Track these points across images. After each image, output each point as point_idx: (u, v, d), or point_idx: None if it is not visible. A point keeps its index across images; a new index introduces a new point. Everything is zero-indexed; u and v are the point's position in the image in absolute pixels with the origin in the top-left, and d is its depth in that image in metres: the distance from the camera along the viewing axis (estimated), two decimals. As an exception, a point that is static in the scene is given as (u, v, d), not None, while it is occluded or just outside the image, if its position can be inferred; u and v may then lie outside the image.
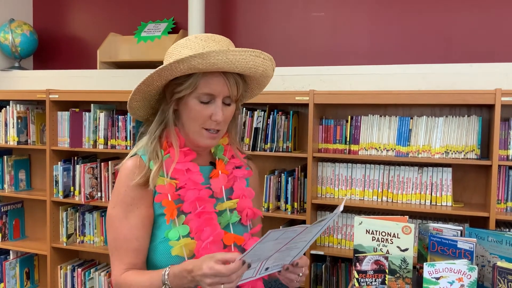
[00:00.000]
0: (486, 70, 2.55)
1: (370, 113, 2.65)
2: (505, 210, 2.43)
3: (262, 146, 2.76)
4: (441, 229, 1.84)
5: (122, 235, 1.27)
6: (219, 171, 1.37)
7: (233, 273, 1.07)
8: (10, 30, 3.50)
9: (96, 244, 3.15)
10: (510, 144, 2.38)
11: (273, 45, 3.20)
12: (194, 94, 1.26)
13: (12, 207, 3.44)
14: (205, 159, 1.40)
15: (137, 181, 1.26)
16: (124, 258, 1.27)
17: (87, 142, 3.10)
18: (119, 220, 1.28)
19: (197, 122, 1.28)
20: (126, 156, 1.35)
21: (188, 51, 1.24)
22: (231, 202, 1.35)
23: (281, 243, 1.11)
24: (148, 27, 3.39)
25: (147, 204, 1.28)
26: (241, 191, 1.39)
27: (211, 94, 1.27)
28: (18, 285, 3.37)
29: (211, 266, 1.07)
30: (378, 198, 2.61)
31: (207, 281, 1.08)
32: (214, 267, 1.07)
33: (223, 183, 1.36)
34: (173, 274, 1.17)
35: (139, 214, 1.27)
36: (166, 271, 1.18)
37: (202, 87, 1.26)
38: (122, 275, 1.27)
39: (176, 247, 1.24)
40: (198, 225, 1.26)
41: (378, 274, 1.66)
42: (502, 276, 1.53)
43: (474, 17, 2.82)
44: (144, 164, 1.29)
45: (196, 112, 1.27)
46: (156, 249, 1.28)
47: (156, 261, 1.28)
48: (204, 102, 1.27)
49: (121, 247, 1.28)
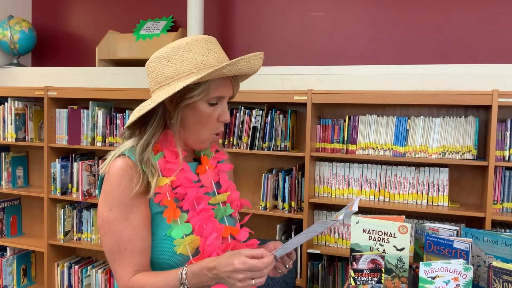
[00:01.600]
0: (483, 71, 2.56)
1: (367, 113, 2.65)
2: (501, 210, 2.44)
3: (260, 145, 2.76)
4: (437, 229, 1.84)
5: (125, 237, 1.22)
6: (206, 166, 1.38)
7: (266, 267, 1.09)
8: (9, 27, 3.49)
9: (93, 242, 3.15)
10: (506, 145, 2.39)
11: (271, 44, 3.21)
12: (205, 99, 1.26)
13: (10, 203, 3.44)
14: (189, 156, 1.39)
15: (137, 191, 1.23)
16: (130, 261, 1.22)
17: (85, 139, 3.10)
18: (119, 222, 1.22)
19: (207, 126, 1.29)
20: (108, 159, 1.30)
21: (193, 55, 1.23)
22: (223, 196, 1.37)
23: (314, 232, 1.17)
24: (147, 25, 3.39)
25: (145, 203, 1.27)
26: (227, 184, 1.41)
27: (221, 97, 1.29)
28: (15, 282, 3.37)
29: (244, 261, 1.08)
30: (375, 198, 2.62)
31: (239, 277, 1.08)
32: (248, 261, 1.08)
33: (212, 178, 1.38)
34: (192, 273, 1.15)
35: (139, 214, 1.24)
36: (184, 270, 1.16)
37: (214, 91, 1.26)
38: (131, 279, 1.22)
39: (181, 246, 1.23)
40: (199, 222, 1.26)
41: (374, 273, 1.67)
42: (497, 276, 1.54)
43: (472, 18, 2.83)
44: (136, 165, 1.25)
45: (206, 116, 1.27)
46: (157, 248, 1.27)
47: (158, 260, 1.27)
48: (212, 104, 1.28)
49: (125, 249, 1.22)
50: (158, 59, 1.27)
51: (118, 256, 1.23)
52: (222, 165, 1.44)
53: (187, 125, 1.29)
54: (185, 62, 1.23)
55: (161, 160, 1.28)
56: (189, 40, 1.26)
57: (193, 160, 1.41)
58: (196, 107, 1.26)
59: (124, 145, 1.31)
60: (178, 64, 1.23)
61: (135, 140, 1.29)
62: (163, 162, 1.28)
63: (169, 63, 1.25)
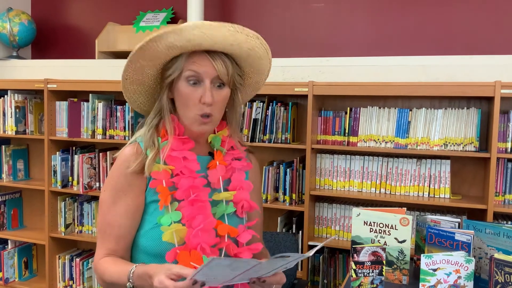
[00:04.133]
0: (485, 62, 2.54)
1: (369, 104, 2.64)
2: (503, 202, 2.43)
3: (260, 137, 2.75)
4: (439, 221, 1.84)
5: (107, 220, 1.30)
6: (217, 161, 1.36)
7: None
8: (8, 19, 3.48)
9: (94, 234, 3.15)
10: (509, 136, 2.38)
11: (272, 36, 3.18)
12: (182, 77, 1.26)
13: (10, 196, 3.44)
14: (204, 149, 1.39)
15: (133, 169, 1.26)
16: (106, 243, 1.30)
17: (86, 132, 3.09)
18: (107, 205, 1.30)
19: (189, 107, 1.27)
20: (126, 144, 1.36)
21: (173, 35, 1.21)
22: (228, 193, 1.34)
23: (238, 269, 1.05)
24: (147, 17, 3.37)
25: (138, 192, 1.28)
26: (239, 183, 1.37)
27: (197, 74, 1.25)
28: (17, 275, 3.38)
29: (161, 280, 1.06)
30: (376, 190, 2.62)
31: None
32: (163, 281, 1.05)
33: (221, 174, 1.35)
34: (137, 275, 1.17)
35: (125, 202, 1.28)
36: (133, 269, 1.18)
37: (188, 67, 1.25)
38: (100, 260, 1.29)
39: (167, 233, 1.23)
40: (190, 212, 1.25)
41: (375, 265, 1.66)
42: (499, 268, 1.54)
43: (474, 9, 2.80)
44: (142, 151, 1.29)
45: (186, 95, 1.26)
46: (147, 234, 1.28)
47: (147, 246, 1.28)
48: (193, 84, 1.25)
49: (105, 232, 1.30)
50: None
51: (100, 235, 1.32)
52: (237, 163, 1.39)
53: (178, 108, 1.31)
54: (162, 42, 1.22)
55: (166, 147, 1.29)
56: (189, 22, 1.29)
57: (208, 153, 1.39)
58: (177, 87, 1.27)
59: (138, 132, 1.36)
60: None
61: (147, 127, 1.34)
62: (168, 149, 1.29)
63: None
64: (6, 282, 3.33)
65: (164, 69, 1.29)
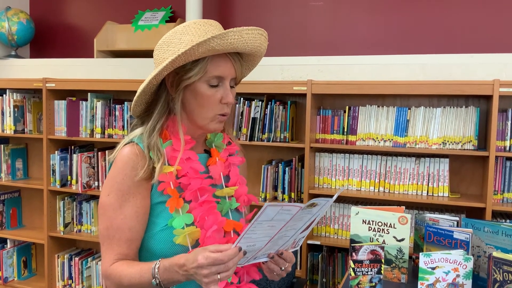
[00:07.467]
0: (484, 61, 2.54)
1: (368, 103, 2.64)
2: (502, 201, 2.43)
3: (259, 136, 2.75)
4: (438, 220, 1.84)
5: (115, 225, 1.24)
6: (216, 158, 1.37)
7: (230, 259, 1.06)
8: (7, 18, 3.47)
9: (93, 233, 3.15)
10: (507, 135, 2.38)
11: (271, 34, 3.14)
12: (203, 79, 1.25)
13: (9, 196, 3.44)
14: (200, 147, 1.39)
15: (141, 176, 1.24)
16: (115, 248, 1.25)
17: (84, 131, 3.09)
18: (113, 209, 1.25)
19: (208, 107, 1.27)
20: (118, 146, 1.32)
21: (190, 37, 1.23)
22: (230, 189, 1.35)
23: (275, 227, 1.09)
24: (146, 16, 3.37)
25: (144, 193, 1.26)
26: (237, 178, 1.39)
27: (220, 77, 1.26)
28: (16, 274, 3.38)
29: (207, 256, 1.06)
30: (375, 189, 2.62)
31: (203, 272, 1.06)
32: (210, 255, 1.05)
33: (222, 170, 1.36)
34: (164, 268, 1.15)
35: (134, 204, 1.25)
36: (157, 264, 1.16)
37: (212, 70, 1.24)
38: (112, 266, 1.24)
39: (180, 236, 1.23)
40: (201, 214, 1.25)
41: (374, 263, 1.66)
42: (497, 266, 1.54)
43: (473, 7, 2.80)
44: (143, 153, 1.26)
45: (207, 97, 1.26)
46: (156, 237, 1.27)
47: (157, 249, 1.27)
48: (213, 86, 1.26)
49: (113, 236, 1.25)
50: (160, 46, 1.29)
51: (107, 241, 1.26)
52: (233, 158, 1.41)
53: (190, 109, 1.29)
54: (182, 44, 1.23)
55: (168, 148, 1.28)
56: (187, 23, 1.27)
57: (204, 151, 1.40)
58: (196, 88, 1.26)
59: (134, 132, 1.33)
60: (176, 47, 1.24)
61: (144, 128, 1.31)
62: (170, 150, 1.28)
63: (168, 48, 1.26)
64: (5, 281, 3.33)
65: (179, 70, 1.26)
